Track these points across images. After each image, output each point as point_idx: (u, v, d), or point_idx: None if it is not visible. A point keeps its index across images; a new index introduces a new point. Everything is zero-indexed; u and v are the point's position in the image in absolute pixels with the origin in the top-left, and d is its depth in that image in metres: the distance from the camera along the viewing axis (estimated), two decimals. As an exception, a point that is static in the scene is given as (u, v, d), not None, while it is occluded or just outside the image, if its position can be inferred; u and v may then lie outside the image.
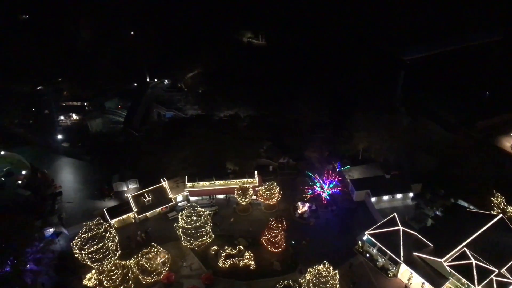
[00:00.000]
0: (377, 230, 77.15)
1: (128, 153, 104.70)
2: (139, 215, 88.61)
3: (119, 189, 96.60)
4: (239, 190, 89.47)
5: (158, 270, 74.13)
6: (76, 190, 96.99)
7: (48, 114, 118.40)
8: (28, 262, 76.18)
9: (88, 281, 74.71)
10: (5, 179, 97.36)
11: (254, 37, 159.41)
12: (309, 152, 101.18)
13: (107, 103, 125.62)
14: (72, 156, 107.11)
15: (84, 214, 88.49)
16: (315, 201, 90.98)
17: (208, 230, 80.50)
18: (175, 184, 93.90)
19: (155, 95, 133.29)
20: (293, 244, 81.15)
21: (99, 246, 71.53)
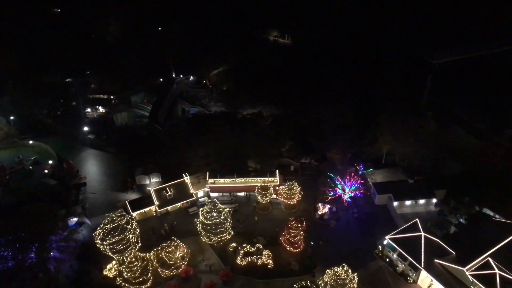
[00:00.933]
0: (398, 235, 76.01)
1: (151, 147, 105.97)
2: (160, 209, 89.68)
3: (142, 182, 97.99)
4: (260, 188, 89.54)
5: (177, 264, 74.88)
6: (100, 182, 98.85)
7: (76, 106, 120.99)
8: (52, 250, 77.94)
9: (108, 272, 76.17)
10: (32, 167, 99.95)
11: (280, 36, 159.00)
12: (331, 154, 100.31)
13: (133, 97, 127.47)
14: (97, 148, 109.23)
15: (107, 206, 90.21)
16: (336, 203, 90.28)
17: (228, 227, 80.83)
18: (197, 179, 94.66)
19: (180, 91, 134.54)
20: (312, 245, 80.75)
21: (121, 238, 72.84)
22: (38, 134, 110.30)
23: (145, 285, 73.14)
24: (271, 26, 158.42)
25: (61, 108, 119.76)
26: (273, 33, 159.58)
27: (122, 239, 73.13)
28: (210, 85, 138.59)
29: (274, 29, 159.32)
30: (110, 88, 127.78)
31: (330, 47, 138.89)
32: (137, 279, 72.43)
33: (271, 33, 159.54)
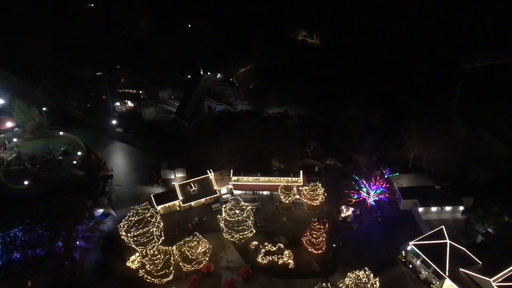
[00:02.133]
0: (422, 241, 74.77)
1: (177, 142, 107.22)
2: (184, 204, 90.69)
3: (167, 177, 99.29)
4: (283, 188, 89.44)
5: (199, 259, 75.66)
6: (126, 174, 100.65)
7: (105, 100, 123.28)
8: (78, 239, 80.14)
9: (131, 263, 77.59)
10: (62, 158, 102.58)
11: (309, 36, 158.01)
12: (357, 156, 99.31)
13: (161, 92, 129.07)
14: (124, 142, 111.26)
15: (132, 198, 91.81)
16: (360, 206, 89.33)
17: (250, 224, 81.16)
18: (221, 176, 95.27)
19: (207, 88, 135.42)
20: (334, 247, 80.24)
21: (144, 230, 74.10)
22: (68, 126, 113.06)
23: (166, 278, 74.24)
24: (300, 26, 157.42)
25: (91, 101, 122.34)
26: (301, 33, 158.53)
27: (146, 232, 74.38)
28: (237, 83, 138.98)
29: (302, 29, 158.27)
30: (139, 83, 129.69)
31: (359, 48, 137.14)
32: (159, 272, 73.65)
33: (300, 33, 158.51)
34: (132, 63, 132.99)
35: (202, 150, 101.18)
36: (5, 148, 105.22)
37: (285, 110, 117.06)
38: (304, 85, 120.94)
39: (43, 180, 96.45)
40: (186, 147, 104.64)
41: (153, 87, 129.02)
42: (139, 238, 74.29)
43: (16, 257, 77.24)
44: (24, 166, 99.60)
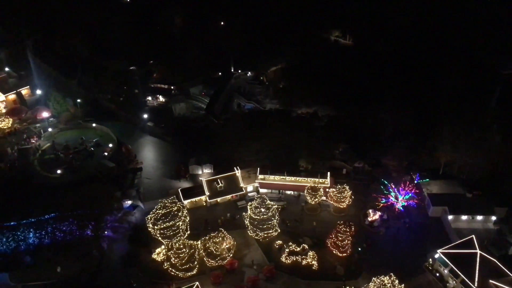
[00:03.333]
0: (451, 250, 72.95)
1: (206, 138, 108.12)
2: (211, 199, 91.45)
3: (195, 172, 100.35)
4: (310, 189, 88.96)
5: (223, 255, 76.14)
6: (155, 168, 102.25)
7: (137, 94, 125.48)
8: (106, 229, 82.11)
9: (156, 255, 78.82)
10: (93, 149, 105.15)
11: (342, 37, 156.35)
12: (387, 160, 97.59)
13: (192, 89, 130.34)
14: (155, 136, 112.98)
15: (160, 192, 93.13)
16: (387, 211, 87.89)
17: (275, 223, 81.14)
18: (247, 174, 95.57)
19: (237, 86, 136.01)
20: (359, 250, 79.29)
21: (171, 224, 75.27)
22: (101, 118, 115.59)
23: (190, 272, 75.08)
24: (333, 26, 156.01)
25: (124, 95, 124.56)
26: (334, 33, 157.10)
27: (172, 225, 75.58)
28: (267, 81, 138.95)
29: (336, 29, 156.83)
30: (171, 79, 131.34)
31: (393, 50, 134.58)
32: (183, 265, 74.55)
33: (333, 33, 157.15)
34: (165, 58, 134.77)
35: (230, 147, 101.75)
36: (41, 137, 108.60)
37: (315, 110, 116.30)
38: (335, 86, 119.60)
39: (75, 169, 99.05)
40: (214, 143, 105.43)
41: (184, 83, 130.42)
42: (165, 231, 75.54)
43: (47, 243, 79.86)
44: (58, 155, 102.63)
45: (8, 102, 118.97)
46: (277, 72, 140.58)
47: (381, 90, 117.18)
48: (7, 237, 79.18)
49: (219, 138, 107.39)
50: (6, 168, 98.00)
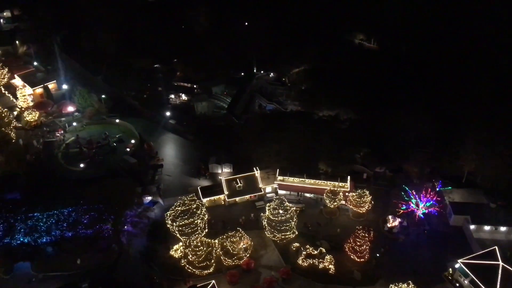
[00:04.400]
0: (472, 260, 71.48)
1: (226, 138, 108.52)
2: (229, 198, 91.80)
3: (214, 170, 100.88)
4: (329, 192, 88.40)
5: (240, 255, 76.37)
6: (175, 165, 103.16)
7: (161, 91, 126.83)
8: (126, 224, 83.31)
9: (174, 252, 79.60)
10: (116, 145, 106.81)
11: (367, 40, 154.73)
12: (408, 166, 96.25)
13: (215, 88, 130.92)
14: (176, 133, 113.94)
15: (179, 189, 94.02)
16: (408, 218, 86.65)
17: (293, 226, 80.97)
18: (266, 175, 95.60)
19: (259, 86, 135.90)
20: (377, 256, 78.44)
21: (189, 221, 75.83)
22: (125, 114, 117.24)
23: (207, 270, 75.53)
24: (358, 29, 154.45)
25: (148, 92, 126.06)
26: (359, 36, 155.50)
27: (191, 222, 76.13)
28: (289, 83, 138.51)
29: (360, 32, 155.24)
30: (194, 77, 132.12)
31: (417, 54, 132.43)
32: (200, 263, 75.13)
33: (357, 36, 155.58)
34: (189, 57, 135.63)
35: (250, 147, 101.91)
36: (65, 131, 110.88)
37: (337, 113, 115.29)
38: (358, 90, 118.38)
39: (97, 164, 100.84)
40: (234, 143, 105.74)
41: (207, 82, 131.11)
42: (184, 228, 76.14)
43: (68, 235, 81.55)
44: (81, 149, 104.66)
45: (36, 95, 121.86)
46: (299, 74, 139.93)
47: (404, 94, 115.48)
48: (30, 228, 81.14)
49: (239, 138, 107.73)
50: (32, 160, 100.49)
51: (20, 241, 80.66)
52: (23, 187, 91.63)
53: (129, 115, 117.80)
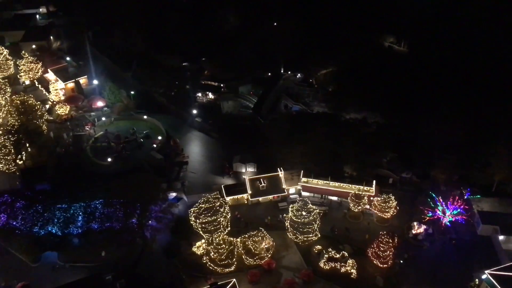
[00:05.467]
0: (501, 272, 69.34)
1: (251, 137, 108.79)
2: (252, 198, 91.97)
3: (238, 169, 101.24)
4: (353, 196, 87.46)
5: (261, 254, 76.41)
6: (200, 163, 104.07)
7: (188, 89, 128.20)
8: (151, 219, 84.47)
9: (196, 249, 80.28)
10: (143, 140, 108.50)
11: (396, 43, 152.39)
12: (436, 172, 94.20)
13: (241, 87, 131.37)
14: (202, 131, 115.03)
15: (203, 186, 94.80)
16: (433, 225, 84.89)
17: (315, 228, 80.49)
18: (290, 176, 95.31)
19: (285, 87, 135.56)
20: (401, 263, 77.15)
21: (213, 219, 76.12)
22: (152, 111, 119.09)
23: (228, 269, 75.85)
24: (388, 32, 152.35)
25: (176, 90, 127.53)
26: (389, 39, 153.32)
27: (213, 220, 76.37)
28: (316, 84, 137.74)
29: (390, 35, 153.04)
30: (221, 76, 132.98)
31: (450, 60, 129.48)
32: (222, 261, 75.46)
33: (387, 39, 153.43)
34: (217, 56, 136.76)
35: (274, 148, 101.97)
36: (94, 125, 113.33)
37: (364, 116, 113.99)
38: (386, 93, 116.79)
39: (124, 159, 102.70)
40: (259, 143, 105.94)
41: (234, 82, 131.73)
42: (206, 225, 76.46)
43: (94, 227, 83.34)
44: (109, 144, 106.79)
45: (67, 90, 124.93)
46: (327, 75, 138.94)
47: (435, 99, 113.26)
48: (59, 218, 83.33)
49: (264, 138, 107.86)
50: (61, 153, 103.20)
51: (48, 231, 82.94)
52: (53, 179, 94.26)
53: (156, 111, 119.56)
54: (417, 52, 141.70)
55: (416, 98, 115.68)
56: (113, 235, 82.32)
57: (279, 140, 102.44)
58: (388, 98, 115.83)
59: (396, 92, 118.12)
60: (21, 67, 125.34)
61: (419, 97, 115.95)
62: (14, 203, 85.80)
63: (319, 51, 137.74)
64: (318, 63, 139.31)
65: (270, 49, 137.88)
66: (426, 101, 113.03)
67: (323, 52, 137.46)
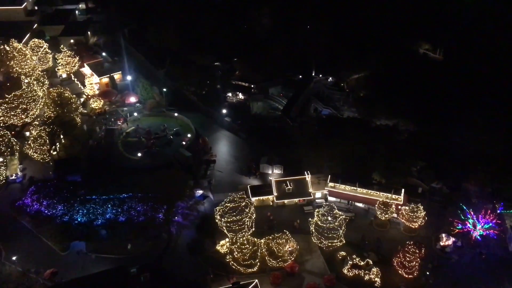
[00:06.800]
0: (532, 291, 66.96)
1: (279, 139, 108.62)
2: (278, 200, 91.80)
3: (265, 171, 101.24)
4: (381, 203, 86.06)
5: (285, 257, 76.14)
6: (227, 162, 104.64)
7: (219, 89, 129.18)
8: (177, 215, 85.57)
9: (220, 247, 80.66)
10: (173, 137, 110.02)
11: (432, 50, 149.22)
12: (468, 184, 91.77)
13: (271, 89, 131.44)
14: (230, 131, 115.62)
15: (229, 185, 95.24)
16: (463, 238, 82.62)
17: (341, 234, 79.62)
18: (317, 180, 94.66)
19: (316, 90, 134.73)
20: (427, 275, 75.42)
21: (237, 218, 76.53)
22: (183, 109, 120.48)
23: (251, 269, 75.93)
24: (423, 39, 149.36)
25: (207, 89, 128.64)
26: (424, 46, 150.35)
27: (238, 220, 76.80)
28: (347, 89, 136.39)
29: (426, 42, 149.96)
30: (252, 77, 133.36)
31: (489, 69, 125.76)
32: (245, 261, 75.58)
33: (422, 45, 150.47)
34: (248, 57, 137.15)
35: (302, 151, 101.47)
36: (127, 120, 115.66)
37: (395, 123, 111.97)
38: (419, 101, 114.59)
39: (154, 154, 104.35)
40: (287, 145, 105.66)
41: (264, 83, 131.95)
42: (231, 224, 76.94)
43: (121, 220, 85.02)
44: (140, 139, 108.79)
45: (101, 84, 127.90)
46: (359, 80, 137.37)
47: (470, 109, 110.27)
48: (88, 209, 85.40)
49: (292, 141, 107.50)
50: (94, 145, 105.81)
51: (77, 221, 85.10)
52: (84, 171, 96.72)
53: (187, 109, 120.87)
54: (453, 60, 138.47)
55: (451, 106, 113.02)
56: (139, 229, 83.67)
57: (307, 143, 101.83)
58: (421, 105, 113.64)
59: (430, 99, 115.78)
60: (59, 61, 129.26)
61: (453, 106, 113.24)
62: (46, 192, 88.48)
63: (352, 55, 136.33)
64: (351, 67, 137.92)
65: (302, 51, 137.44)
66: (461, 110, 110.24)
67: (355, 57, 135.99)
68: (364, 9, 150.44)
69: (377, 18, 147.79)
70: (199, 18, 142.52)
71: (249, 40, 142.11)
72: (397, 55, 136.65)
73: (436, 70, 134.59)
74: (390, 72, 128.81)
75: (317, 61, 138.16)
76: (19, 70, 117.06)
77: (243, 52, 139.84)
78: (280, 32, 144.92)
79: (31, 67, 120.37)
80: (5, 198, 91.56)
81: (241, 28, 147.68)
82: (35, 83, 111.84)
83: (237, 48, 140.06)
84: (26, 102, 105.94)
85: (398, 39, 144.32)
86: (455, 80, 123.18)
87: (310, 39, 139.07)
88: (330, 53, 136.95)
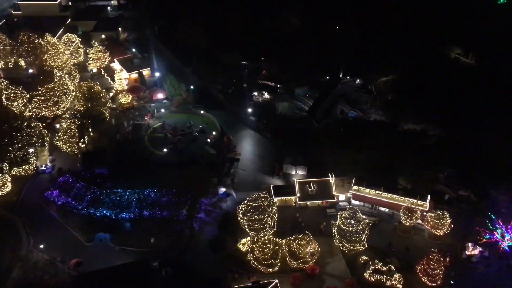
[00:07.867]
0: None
1: (304, 140, 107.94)
2: (300, 201, 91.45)
3: (288, 171, 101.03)
4: (406, 209, 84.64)
5: (306, 258, 75.84)
6: (251, 161, 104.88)
7: (245, 88, 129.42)
8: (200, 211, 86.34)
9: (241, 245, 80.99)
10: (198, 135, 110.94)
11: (464, 55, 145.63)
12: (497, 193, 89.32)
13: (297, 89, 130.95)
14: (255, 130, 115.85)
15: (252, 184, 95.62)
16: (490, 248, 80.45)
17: (363, 238, 78.74)
18: (341, 183, 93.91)
19: (343, 92, 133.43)
20: (451, 284, 73.79)
21: (260, 217, 76.68)
22: (209, 106, 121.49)
23: (272, 269, 75.92)
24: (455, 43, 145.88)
25: (233, 87, 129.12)
26: (455, 50, 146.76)
27: (260, 219, 77.03)
28: (375, 91, 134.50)
29: (458, 46, 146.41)
30: (278, 77, 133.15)
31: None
32: (266, 261, 75.63)
33: (454, 50, 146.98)
34: (276, 57, 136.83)
35: (327, 153, 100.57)
36: (153, 116, 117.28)
37: (423, 128, 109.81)
38: (449, 106, 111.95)
39: (179, 151, 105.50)
40: (311, 146, 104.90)
41: (290, 83, 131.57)
42: (253, 223, 77.25)
43: (146, 214, 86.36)
44: (166, 135, 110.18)
45: (130, 80, 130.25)
46: (387, 83, 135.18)
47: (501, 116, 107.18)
48: (114, 202, 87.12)
49: (317, 142, 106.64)
50: (121, 140, 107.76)
51: (103, 213, 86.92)
52: (111, 164, 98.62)
53: (213, 107, 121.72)
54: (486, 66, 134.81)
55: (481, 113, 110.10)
56: (163, 224, 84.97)
57: (332, 145, 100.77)
58: (450, 111, 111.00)
59: (460, 105, 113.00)
60: (90, 56, 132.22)
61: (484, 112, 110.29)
62: (74, 183, 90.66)
63: (381, 58, 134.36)
64: (379, 69, 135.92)
65: (330, 52, 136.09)
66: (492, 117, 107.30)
67: (384, 59, 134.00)
68: (394, 11, 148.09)
69: (408, 20, 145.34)
70: (227, 17, 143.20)
71: (276, 40, 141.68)
72: (427, 58, 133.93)
73: (467, 75, 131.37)
74: (419, 76, 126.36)
75: (345, 62, 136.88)
76: (52, 64, 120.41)
77: (270, 51, 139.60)
78: (309, 32, 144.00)
79: (63, 61, 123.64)
80: (34, 187, 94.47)
81: (269, 28, 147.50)
82: (67, 76, 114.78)
83: (264, 48, 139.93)
84: (58, 95, 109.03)
85: (428, 43, 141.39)
86: (487, 86, 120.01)
87: (339, 40, 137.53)
88: (358, 55, 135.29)
